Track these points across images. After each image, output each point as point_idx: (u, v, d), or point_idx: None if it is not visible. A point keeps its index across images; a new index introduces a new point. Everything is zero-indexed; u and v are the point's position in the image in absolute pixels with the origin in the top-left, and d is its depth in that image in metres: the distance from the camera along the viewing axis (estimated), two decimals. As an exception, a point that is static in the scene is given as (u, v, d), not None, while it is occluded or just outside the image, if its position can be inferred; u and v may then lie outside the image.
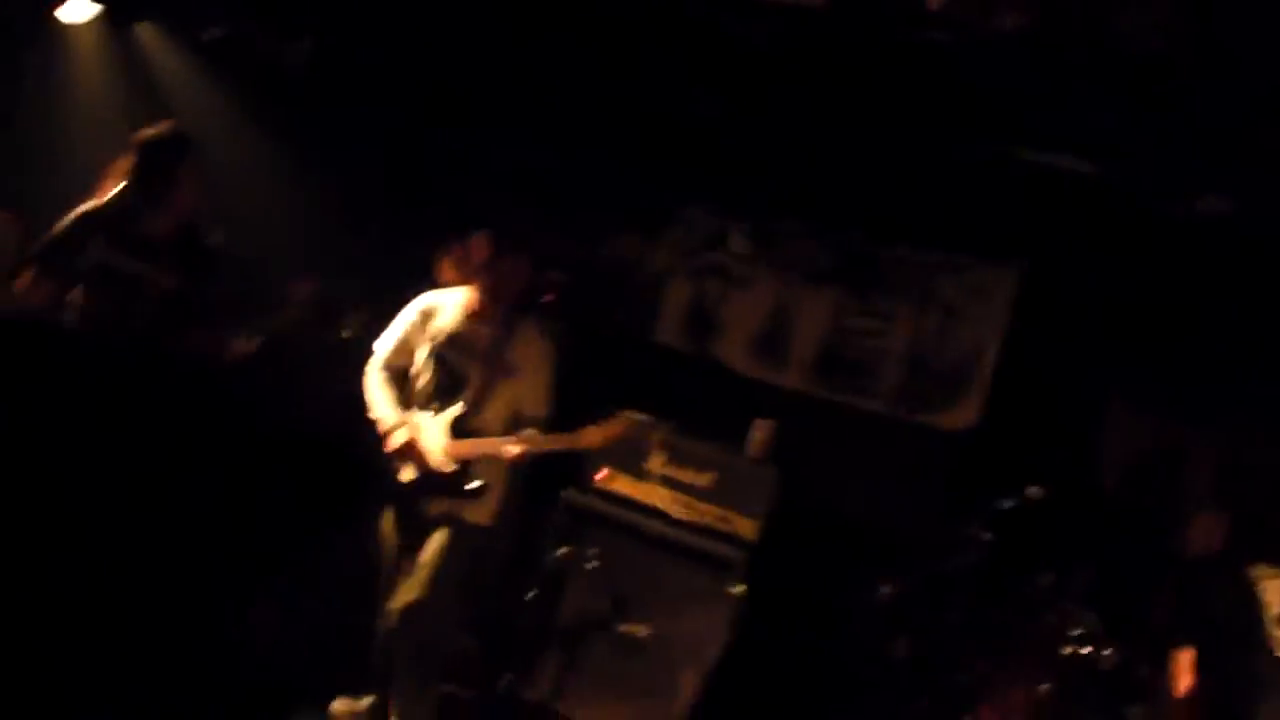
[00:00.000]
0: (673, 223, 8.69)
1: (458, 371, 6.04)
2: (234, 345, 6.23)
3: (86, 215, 5.83)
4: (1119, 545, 7.03)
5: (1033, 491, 6.63)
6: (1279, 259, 7.13)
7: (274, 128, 8.93)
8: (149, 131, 6.01)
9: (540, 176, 8.54)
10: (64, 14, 8.74)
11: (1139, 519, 7.32)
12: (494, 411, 6.02)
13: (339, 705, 6.17)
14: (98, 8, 8.74)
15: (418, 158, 9.00)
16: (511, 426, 5.98)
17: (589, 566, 7.04)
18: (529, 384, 6.07)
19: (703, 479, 7.35)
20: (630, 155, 8.50)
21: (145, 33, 9.07)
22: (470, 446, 5.93)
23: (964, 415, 7.81)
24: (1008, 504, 6.65)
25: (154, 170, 5.89)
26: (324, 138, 8.99)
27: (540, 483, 6.78)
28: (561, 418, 6.08)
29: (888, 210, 8.00)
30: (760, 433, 7.59)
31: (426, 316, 6.19)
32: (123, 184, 5.85)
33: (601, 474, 7.33)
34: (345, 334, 7.58)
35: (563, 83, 8.35)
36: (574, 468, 7.27)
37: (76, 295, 5.77)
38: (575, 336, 6.66)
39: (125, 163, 5.90)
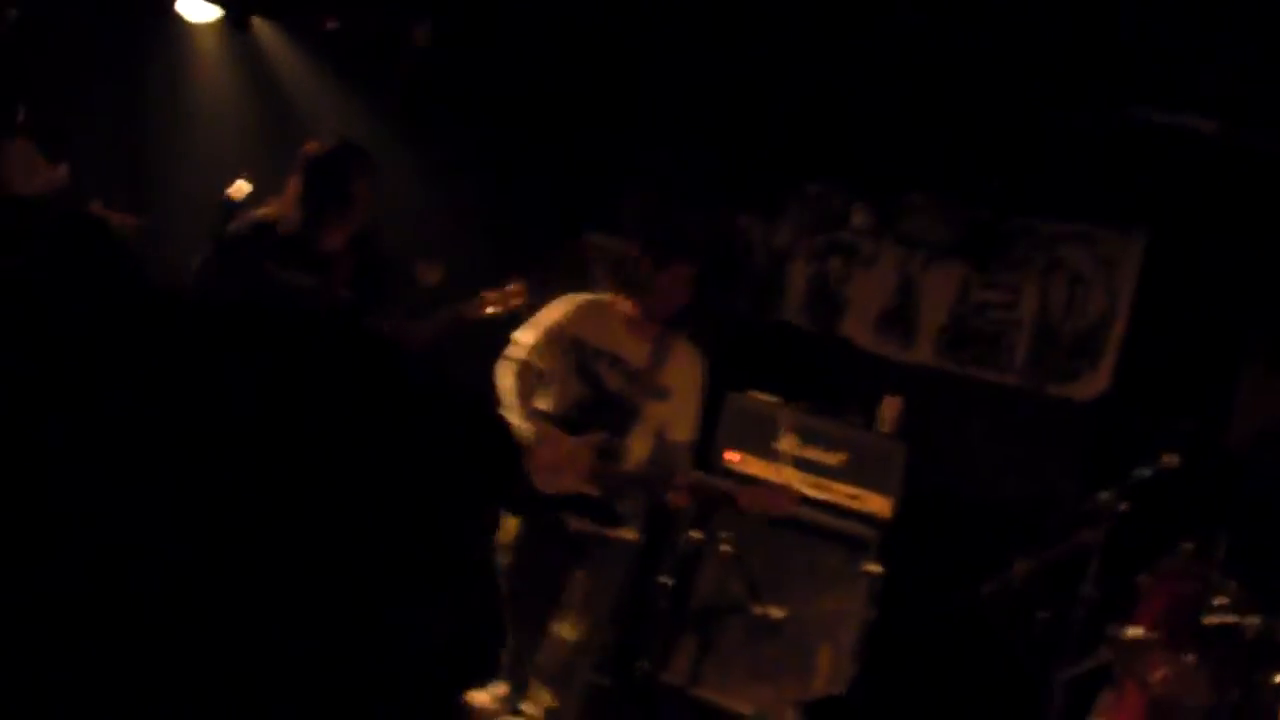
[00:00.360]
0: (793, 201, 8.62)
1: (606, 387, 5.80)
2: (413, 330, 6.05)
3: (258, 232, 5.68)
4: (1257, 511, 6.93)
5: (1169, 459, 6.53)
6: None
7: (395, 116, 8.90)
8: (315, 147, 5.78)
9: (659, 157, 8.52)
10: (183, 9, 8.81)
11: (1276, 483, 7.21)
12: (640, 435, 5.83)
13: (477, 696, 6.18)
14: (216, 10, 8.81)
15: (537, 142, 8.97)
16: (656, 450, 5.84)
17: (722, 549, 7.05)
18: (678, 407, 5.88)
19: (834, 458, 7.33)
20: (747, 133, 8.45)
21: (261, 28, 9.13)
22: (626, 478, 5.75)
23: (1095, 385, 7.71)
24: (1144, 473, 6.56)
25: (326, 188, 5.68)
26: (446, 124, 8.97)
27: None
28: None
29: (1010, 180, 7.89)
30: (890, 410, 7.55)
31: (576, 321, 5.87)
32: (295, 207, 5.68)
33: (732, 456, 7.34)
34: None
35: (682, 60, 8.32)
36: (704, 451, 7.24)
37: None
38: (702, 322, 6.63)
39: (296, 182, 5.69)
